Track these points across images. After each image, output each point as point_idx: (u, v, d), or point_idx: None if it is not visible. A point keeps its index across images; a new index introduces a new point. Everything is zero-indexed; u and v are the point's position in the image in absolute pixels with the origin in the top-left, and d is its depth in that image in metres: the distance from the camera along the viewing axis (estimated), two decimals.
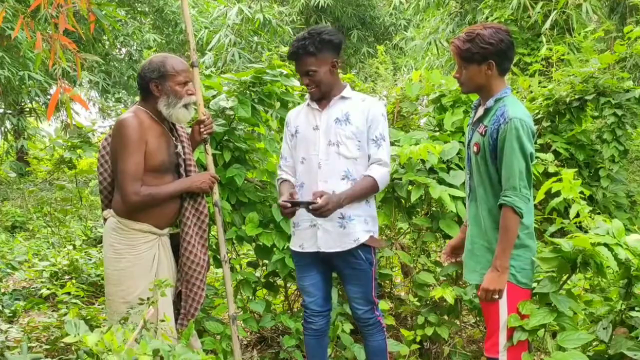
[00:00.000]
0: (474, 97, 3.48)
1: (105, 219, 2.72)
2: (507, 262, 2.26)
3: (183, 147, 2.78)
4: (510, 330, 2.31)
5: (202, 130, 2.84)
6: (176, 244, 2.77)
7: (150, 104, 2.68)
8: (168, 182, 2.68)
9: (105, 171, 2.76)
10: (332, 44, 2.66)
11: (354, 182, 2.65)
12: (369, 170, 2.66)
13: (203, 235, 2.83)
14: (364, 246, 2.68)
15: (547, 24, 7.35)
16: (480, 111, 2.41)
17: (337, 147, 2.65)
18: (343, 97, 2.72)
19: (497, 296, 2.27)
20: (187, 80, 2.69)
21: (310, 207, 2.52)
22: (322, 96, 2.73)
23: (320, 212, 2.51)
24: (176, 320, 2.74)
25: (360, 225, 2.68)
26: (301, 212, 2.68)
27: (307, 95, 2.80)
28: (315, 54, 2.63)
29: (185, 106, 2.67)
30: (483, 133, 2.33)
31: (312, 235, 2.71)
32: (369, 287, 2.74)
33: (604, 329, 2.52)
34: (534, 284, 2.42)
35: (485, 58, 2.30)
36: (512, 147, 2.22)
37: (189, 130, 2.92)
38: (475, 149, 2.38)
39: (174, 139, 2.75)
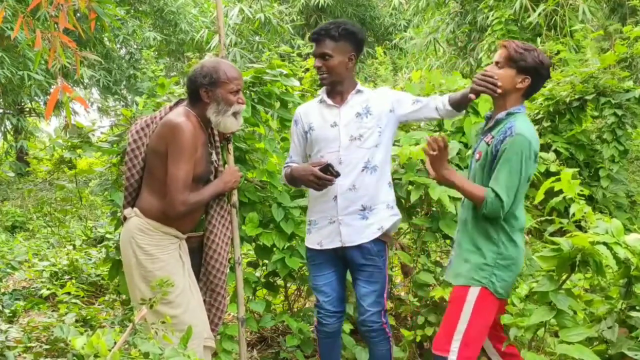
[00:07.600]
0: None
1: (125, 218, 2.59)
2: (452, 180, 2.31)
3: (217, 155, 2.73)
4: (467, 336, 2.31)
5: None
6: (191, 247, 2.71)
7: (198, 109, 2.58)
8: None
9: (134, 167, 2.60)
10: (354, 36, 2.66)
11: (373, 169, 2.65)
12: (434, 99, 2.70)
13: (229, 242, 2.78)
14: (378, 241, 2.67)
15: (535, 16, 7.33)
16: (491, 122, 2.42)
17: (359, 141, 2.64)
18: (359, 91, 2.72)
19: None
20: (239, 89, 2.60)
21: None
22: (331, 87, 2.71)
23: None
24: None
25: (383, 212, 2.68)
26: (319, 210, 2.69)
27: (321, 92, 2.77)
28: (336, 40, 2.63)
29: (235, 115, 2.59)
30: (489, 142, 2.35)
31: (332, 232, 2.67)
32: (382, 286, 2.69)
33: (609, 327, 2.50)
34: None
35: (526, 71, 2.31)
36: (509, 160, 2.23)
37: None
38: (477, 156, 2.41)
39: (209, 146, 2.68)
